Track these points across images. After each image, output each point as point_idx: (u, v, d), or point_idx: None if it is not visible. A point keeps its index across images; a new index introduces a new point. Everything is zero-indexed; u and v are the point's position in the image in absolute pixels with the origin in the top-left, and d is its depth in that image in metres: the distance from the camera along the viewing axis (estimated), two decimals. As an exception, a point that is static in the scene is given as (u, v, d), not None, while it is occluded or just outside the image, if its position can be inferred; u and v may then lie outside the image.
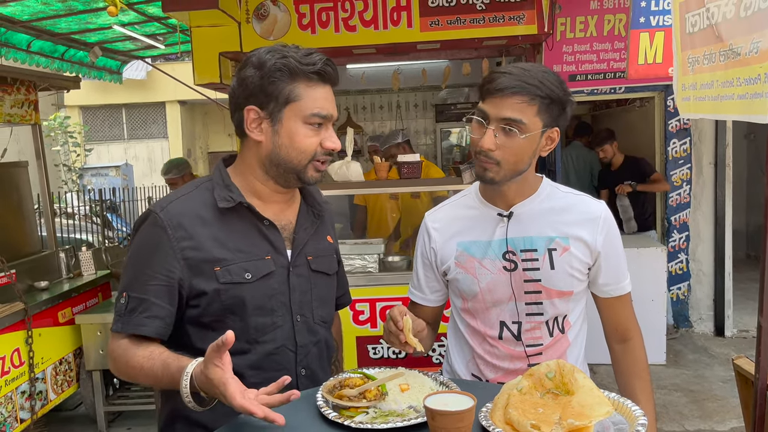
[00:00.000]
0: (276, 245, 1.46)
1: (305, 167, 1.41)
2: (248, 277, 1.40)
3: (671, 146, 5.48)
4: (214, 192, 1.43)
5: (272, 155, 1.41)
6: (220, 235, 1.40)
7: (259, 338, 1.42)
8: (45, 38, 4.85)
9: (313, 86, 1.38)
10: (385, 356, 3.76)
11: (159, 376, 1.29)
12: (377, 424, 1.21)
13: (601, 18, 4.97)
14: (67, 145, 12.93)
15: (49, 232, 4.70)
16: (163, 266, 1.36)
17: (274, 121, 1.39)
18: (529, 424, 1.10)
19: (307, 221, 1.55)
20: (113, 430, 4.19)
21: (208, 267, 1.38)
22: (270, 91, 1.37)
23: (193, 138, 15.71)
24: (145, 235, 1.40)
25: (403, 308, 1.44)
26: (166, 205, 1.41)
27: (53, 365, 3.88)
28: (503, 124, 1.44)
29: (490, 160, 1.46)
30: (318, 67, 1.37)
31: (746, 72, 2.05)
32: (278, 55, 1.37)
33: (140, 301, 1.35)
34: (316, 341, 1.52)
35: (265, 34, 4.27)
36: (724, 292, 5.43)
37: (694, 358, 4.97)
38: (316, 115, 1.38)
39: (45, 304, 3.83)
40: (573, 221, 1.54)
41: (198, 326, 1.42)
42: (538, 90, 1.42)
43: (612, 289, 1.60)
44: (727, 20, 2.12)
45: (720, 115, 2.41)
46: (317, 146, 1.41)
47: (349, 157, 4.01)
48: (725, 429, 3.81)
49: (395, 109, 8.43)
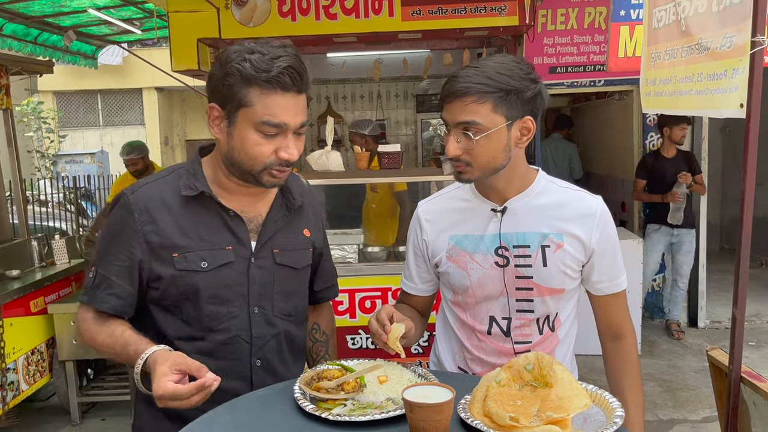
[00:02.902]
0: (239, 236, 1.45)
1: (259, 173, 1.39)
2: (204, 265, 1.41)
3: (649, 139, 5.53)
4: (180, 180, 1.45)
5: (228, 155, 1.41)
6: (182, 223, 1.42)
7: (213, 326, 1.44)
8: (18, 21, 4.72)
9: (268, 94, 1.32)
10: (364, 346, 3.76)
11: (119, 353, 1.37)
12: (355, 416, 1.20)
13: (582, 10, 4.99)
14: (40, 131, 12.68)
15: (21, 220, 4.61)
16: (126, 248, 1.41)
17: (230, 123, 1.37)
18: (508, 416, 1.10)
19: (278, 214, 1.53)
20: (87, 421, 4.13)
21: (167, 253, 1.41)
22: (225, 93, 1.35)
23: (170, 125, 15.50)
24: (115, 216, 1.44)
25: (390, 310, 1.42)
26: (137, 188, 1.45)
27: (25, 355, 3.81)
28: (461, 128, 1.42)
29: (460, 163, 1.46)
30: (272, 74, 1.31)
31: (711, 67, 2.06)
32: (240, 57, 1.32)
33: (104, 278, 1.41)
34: (275, 333, 1.51)
35: (244, 21, 4.21)
36: (698, 283, 5.52)
37: (667, 349, 5.05)
38: (267, 123, 1.34)
39: (16, 293, 3.76)
40: (568, 217, 1.51)
41: (159, 308, 1.46)
42: (486, 87, 1.38)
43: (605, 286, 1.57)
44: (699, 14, 2.13)
45: (677, 110, 2.44)
46: (270, 155, 1.36)
47: (329, 147, 3.97)
48: (698, 418, 3.88)
49: (376, 99, 8.40)
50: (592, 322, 1.65)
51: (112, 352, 1.39)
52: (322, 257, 1.69)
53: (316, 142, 7.79)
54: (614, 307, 1.60)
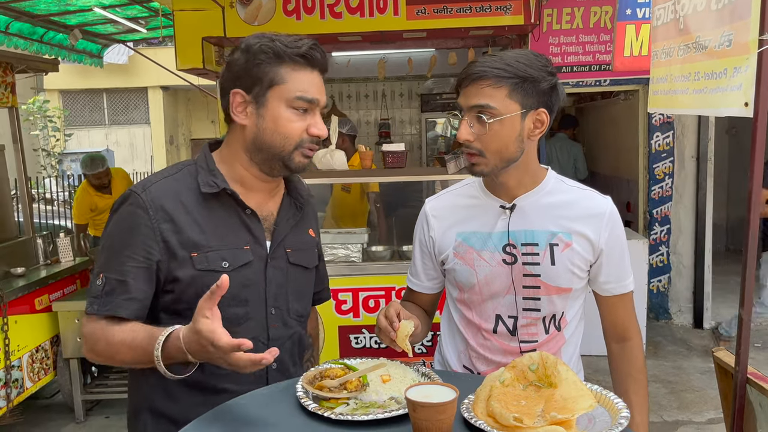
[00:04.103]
0: (256, 235, 1.43)
1: (290, 153, 1.38)
2: (225, 265, 1.37)
3: (654, 139, 5.51)
4: (198, 176, 1.40)
5: (257, 140, 1.38)
6: (200, 221, 1.37)
7: (231, 329, 1.36)
8: (24, 20, 4.74)
9: (299, 70, 1.36)
10: (368, 346, 3.75)
11: (144, 345, 1.25)
12: (358, 415, 1.19)
13: (588, 10, 4.97)
14: (46, 130, 12.72)
15: (26, 218, 4.61)
16: (142, 247, 1.33)
17: (259, 105, 1.36)
18: (512, 416, 1.09)
19: (289, 213, 1.52)
20: (91, 418, 4.14)
21: (186, 252, 1.35)
22: (255, 74, 1.35)
23: (175, 124, 15.54)
24: (125, 215, 1.36)
25: (398, 307, 1.41)
26: (148, 186, 1.38)
27: (29, 353, 3.82)
28: (474, 112, 1.42)
29: (472, 150, 1.44)
30: (303, 50, 1.34)
31: (709, 66, 2.04)
32: (266, 39, 1.36)
33: (119, 282, 1.32)
34: (290, 335, 1.50)
35: (249, 20, 4.21)
36: (704, 284, 5.49)
37: (672, 350, 5.03)
38: (301, 98, 1.35)
39: (21, 291, 3.76)
40: (577, 216, 1.50)
41: (171, 314, 1.38)
42: (503, 72, 1.39)
43: (613, 287, 1.56)
44: (698, 12, 2.11)
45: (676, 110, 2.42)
46: (302, 132, 1.38)
47: (334, 146, 3.97)
48: (703, 420, 3.86)
49: (380, 98, 8.39)
50: (597, 322, 1.64)
51: (135, 346, 1.27)
52: (321, 258, 1.68)
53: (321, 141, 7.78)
54: (621, 309, 1.59)
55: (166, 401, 1.40)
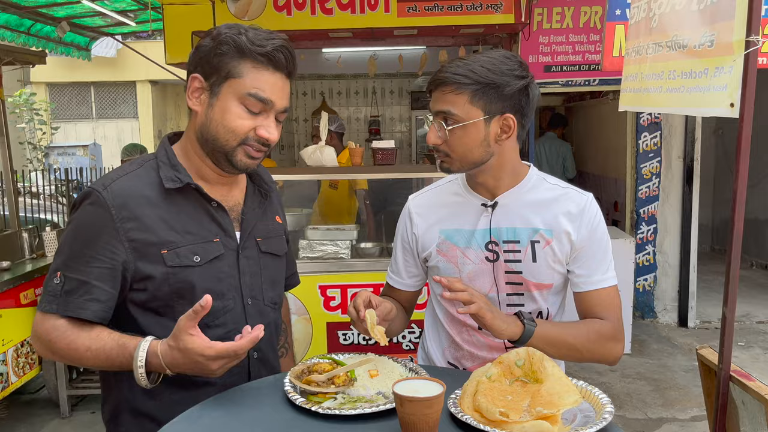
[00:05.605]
0: (225, 227, 1.42)
1: (234, 150, 1.34)
2: (196, 260, 1.35)
3: (642, 139, 5.55)
4: (159, 171, 1.37)
5: (203, 129, 1.35)
6: (167, 217, 1.35)
7: (210, 323, 1.37)
8: (11, 11, 4.68)
9: (260, 68, 1.32)
10: (356, 342, 3.76)
11: (113, 356, 1.26)
12: (345, 409, 1.20)
13: (578, 9, 5.00)
14: (32, 123, 12.59)
15: (11, 211, 4.57)
16: (105, 248, 1.29)
17: (212, 94, 1.34)
18: (498, 411, 1.10)
19: (255, 202, 1.51)
20: (76, 414, 4.11)
21: (155, 249, 1.32)
22: (215, 63, 1.32)
23: (164, 119, 15.43)
24: (87, 214, 1.32)
25: (366, 296, 1.41)
26: (109, 183, 1.34)
27: (15, 347, 3.79)
28: (439, 117, 1.45)
29: (440, 152, 1.49)
30: (266, 49, 1.30)
31: (688, 65, 2.03)
32: (234, 30, 1.33)
33: (80, 283, 1.29)
34: (267, 323, 1.48)
35: (239, 14, 4.19)
36: (689, 284, 5.55)
37: (657, 348, 5.08)
38: (254, 96, 1.31)
39: (6, 285, 3.73)
40: (558, 213, 1.51)
41: (145, 310, 1.36)
42: (464, 78, 1.40)
43: (590, 281, 1.52)
44: (676, 12, 2.10)
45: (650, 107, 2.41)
46: (249, 130, 1.33)
47: (323, 142, 3.97)
48: (686, 417, 3.90)
49: (371, 95, 8.39)
50: None
51: (100, 355, 1.26)
52: (288, 244, 1.66)
53: (311, 138, 7.78)
54: (596, 305, 1.52)
55: (147, 400, 1.38)
